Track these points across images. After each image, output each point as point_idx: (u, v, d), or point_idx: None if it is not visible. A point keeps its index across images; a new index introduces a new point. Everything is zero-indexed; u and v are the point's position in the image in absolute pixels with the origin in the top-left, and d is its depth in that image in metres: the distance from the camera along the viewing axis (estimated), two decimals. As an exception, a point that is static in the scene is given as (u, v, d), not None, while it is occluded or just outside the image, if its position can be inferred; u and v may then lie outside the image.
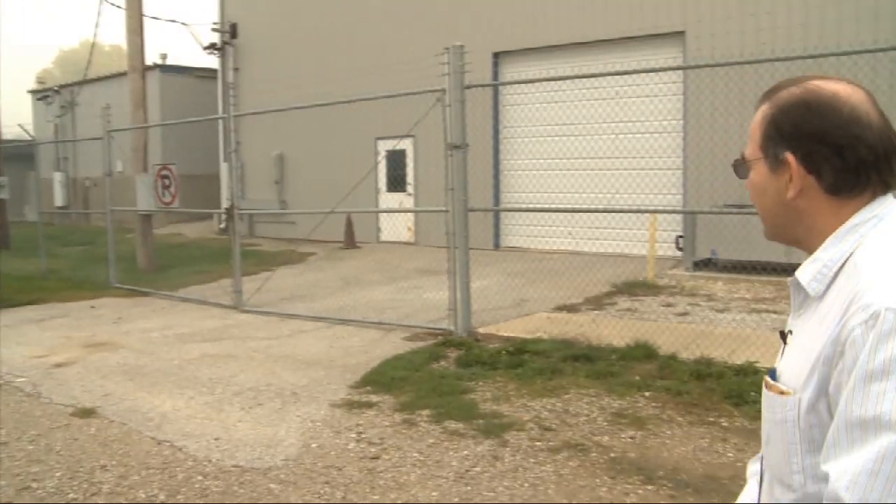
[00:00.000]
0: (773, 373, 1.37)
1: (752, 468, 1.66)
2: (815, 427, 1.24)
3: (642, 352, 7.18)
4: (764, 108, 1.41)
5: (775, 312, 9.40)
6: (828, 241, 1.33)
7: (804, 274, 1.35)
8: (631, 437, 5.29)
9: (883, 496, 1.09)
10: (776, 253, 11.46)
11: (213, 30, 22.56)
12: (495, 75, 16.75)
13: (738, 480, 4.50)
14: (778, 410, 1.31)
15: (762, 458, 1.47)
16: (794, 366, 1.30)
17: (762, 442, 1.43)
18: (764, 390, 1.38)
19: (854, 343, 1.15)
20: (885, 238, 1.26)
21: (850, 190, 1.31)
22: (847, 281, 1.25)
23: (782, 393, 1.30)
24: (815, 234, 1.35)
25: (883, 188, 1.32)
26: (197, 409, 6.22)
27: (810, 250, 1.38)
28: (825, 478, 1.16)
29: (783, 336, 1.42)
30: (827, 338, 1.21)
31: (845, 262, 1.28)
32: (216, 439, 5.53)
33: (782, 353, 1.41)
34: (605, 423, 5.57)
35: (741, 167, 1.47)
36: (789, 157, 1.33)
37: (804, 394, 1.25)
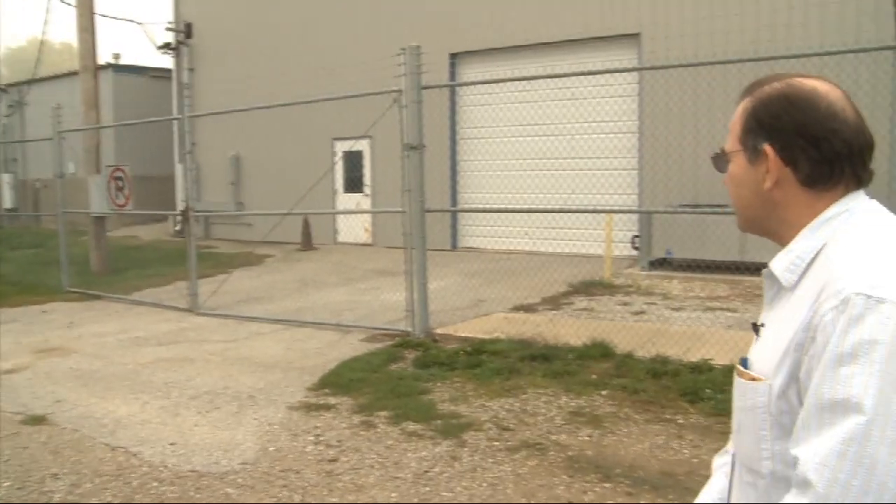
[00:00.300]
0: (744, 361, 1.39)
1: (718, 461, 1.69)
2: (786, 413, 1.26)
3: (599, 351, 7.24)
4: (745, 103, 1.44)
5: (729, 310, 9.54)
6: (802, 232, 1.36)
7: (778, 264, 1.37)
8: (588, 436, 5.33)
9: (850, 478, 1.10)
10: (730, 252, 11.67)
11: (168, 29, 22.27)
12: (452, 76, 16.77)
13: (695, 476, 4.58)
14: (749, 397, 1.33)
15: (733, 450, 1.49)
16: (766, 353, 1.33)
17: (733, 430, 1.45)
18: (735, 378, 1.40)
19: (825, 327, 1.18)
20: (856, 231, 1.30)
21: (824, 182, 1.35)
22: (819, 271, 1.28)
23: (753, 379, 1.33)
24: (789, 225, 1.39)
25: (855, 182, 1.36)
26: (152, 414, 6.14)
27: (783, 242, 1.41)
28: (794, 463, 1.18)
29: (756, 328, 1.44)
30: (799, 324, 1.24)
31: (818, 253, 1.32)
32: (172, 444, 5.46)
33: (755, 344, 1.43)
34: (563, 422, 5.60)
35: (721, 160, 1.50)
36: (767, 148, 1.37)
37: (775, 380, 1.28)
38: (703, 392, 5.98)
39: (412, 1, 17.59)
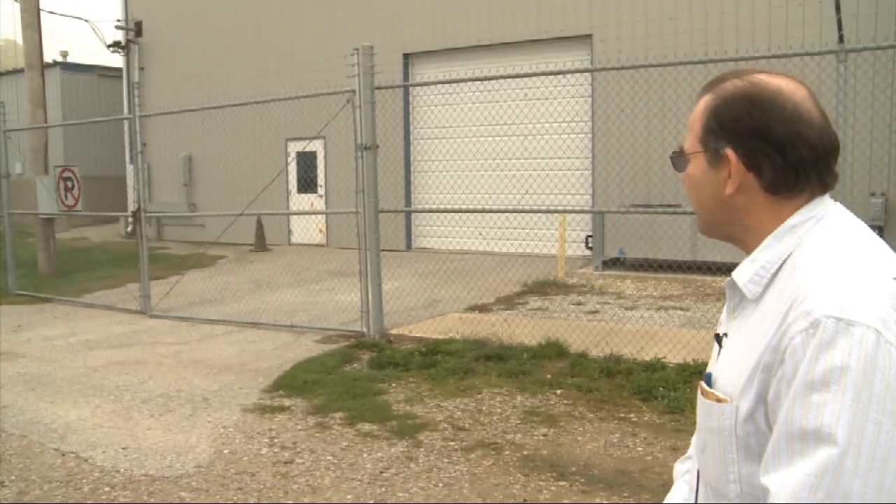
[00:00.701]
0: (708, 377, 1.33)
1: (680, 468, 1.63)
2: (753, 436, 1.21)
3: (553, 350, 7.30)
4: (706, 99, 1.36)
5: (682, 309, 9.68)
6: (766, 241, 1.30)
7: (741, 275, 1.31)
8: (543, 435, 5.38)
9: None
10: (682, 251, 11.84)
11: (117, 27, 21.91)
12: (406, 76, 16.78)
13: (649, 474, 4.65)
14: (714, 418, 1.27)
15: (697, 468, 1.44)
16: (731, 371, 1.26)
17: (697, 449, 1.40)
18: (699, 397, 1.33)
19: (794, 351, 1.12)
20: (822, 240, 1.24)
21: (789, 189, 1.28)
22: (786, 284, 1.22)
23: (719, 400, 1.26)
24: (753, 232, 1.32)
25: (821, 188, 1.30)
26: (104, 418, 6.05)
27: (746, 248, 1.35)
28: (763, 489, 1.13)
29: (718, 339, 1.38)
30: (766, 344, 1.18)
31: (783, 263, 1.26)
32: (124, 448, 5.39)
33: (717, 357, 1.38)
34: (518, 422, 5.64)
35: (679, 160, 1.42)
36: (729, 152, 1.30)
37: (742, 402, 1.21)
38: (656, 390, 6.07)
39: (365, 1, 17.55)
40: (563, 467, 4.81)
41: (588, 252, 13.78)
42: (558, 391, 6.28)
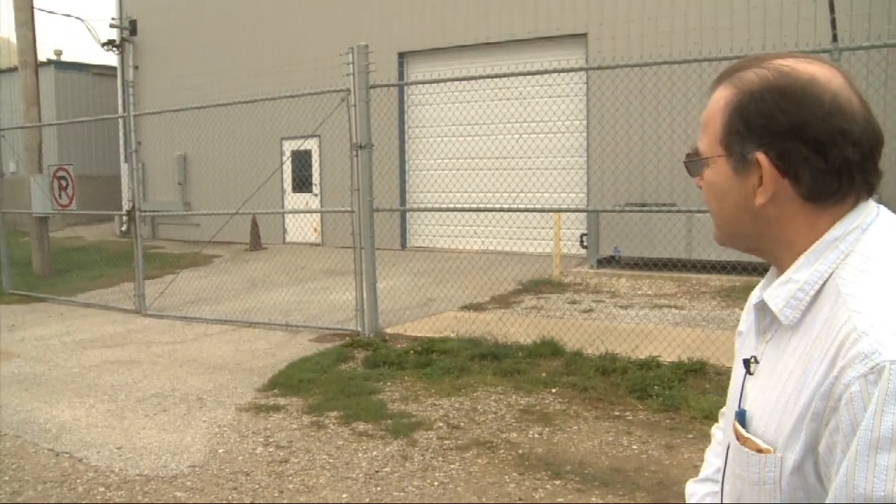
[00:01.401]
0: (741, 415, 1.15)
1: (694, 488, 1.48)
2: (800, 489, 1.05)
3: (548, 349, 7.30)
4: (726, 94, 1.16)
5: (677, 307, 9.69)
6: (802, 258, 1.10)
7: (776, 299, 1.12)
8: (538, 433, 5.38)
9: None
10: (677, 250, 11.87)
11: (112, 26, 21.87)
12: (401, 75, 16.78)
13: (644, 472, 4.66)
14: (755, 469, 1.10)
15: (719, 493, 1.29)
16: (771, 413, 1.09)
17: (730, 495, 1.21)
18: (734, 442, 1.16)
19: (851, 402, 0.95)
20: (871, 256, 1.05)
21: (831, 195, 1.09)
22: (832, 311, 1.04)
23: (760, 450, 1.09)
24: (785, 246, 1.14)
25: (867, 191, 1.11)
26: (98, 418, 6.04)
27: (776, 263, 1.18)
28: None
29: (747, 364, 1.20)
30: (814, 388, 1.01)
31: (824, 283, 1.07)
32: (119, 448, 5.38)
33: (743, 385, 1.20)
34: (513, 420, 5.65)
35: (695, 164, 1.22)
36: (760, 157, 1.10)
37: (788, 453, 1.04)
38: (651, 389, 6.07)
39: (361, 0, 17.54)
40: (558, 466, 4.81)
41: (583, 251, 13.79)
42: (553, 390, 6.29)
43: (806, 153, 1.07)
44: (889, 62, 11.06)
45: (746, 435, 1.12)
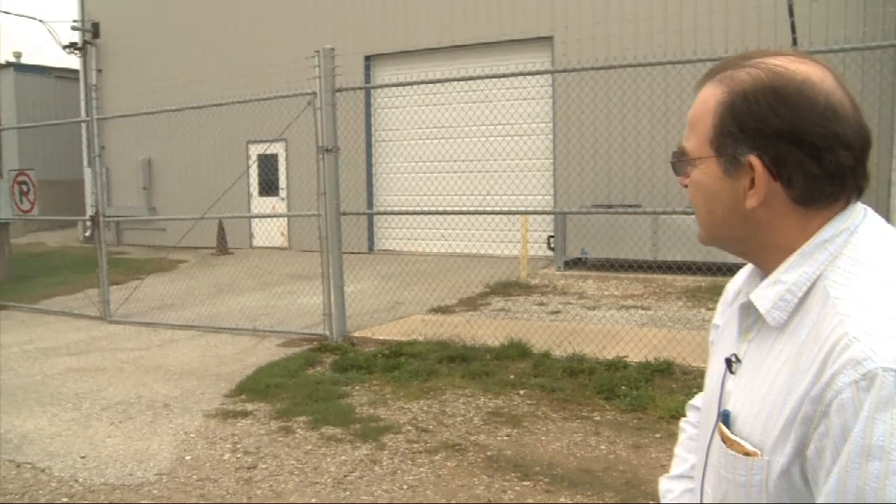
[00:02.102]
0: (726, 416, 1.14)
1: (668, 486, 1.47)
2: (785, 492, 1.04)
3: (516, 351, 7.33)
4: (716, 93, 1.13)
5: (643, 308, 9.76)
6: (791, 259, 1.10)
7: (763, 300, 1.11)
8: (507, 435, 5.40)
9: None
10: (643, 251, 11.97)
11: (74, 28, 21.59)
12: (367, 78, 16.75)
13: (612, 472, 4.69)
14: (741, 472, 1.09)
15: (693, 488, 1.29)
16: (757, 415, 1.08)
17: (714, 496, 1.19)
18: (719, 443, 1.15)
19: (843, 408, 0.94)
20: (860, 259, 1.05)
21: (824, 199, 1.08)
22: (821, 314, 1.03)
23: (747, 454, 1.08)
24: (773, 249, 1.12)
25: (857, 193, 1.10)
26: (62, 427, 5.96)
27: (761, 264, 1.17)
28: None
29: (729, 363, 1.19)
30: (804, 392, 1.00)
31: (812, 285, 1.07)
32: (83, 457, 5.31)
33: (723, 383, 1.20)
34: (482, 423, 5.66)
35: (681, 164, 1.19)
36: (753, 160, 1.08)
37: (776, 456, 1.04)
38: (618, 389, 6.12)
39: (327, 3, 17.50)
40: (527, 467, 4.83)
41: (550, 252, 13.86)
42: (521, 391, 6.31)
43: (800, 157, 1.06)
44: (846, 66, 11.25)
45: (733, 437, 1.11)
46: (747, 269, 1.28)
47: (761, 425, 1.06)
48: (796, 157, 1.06)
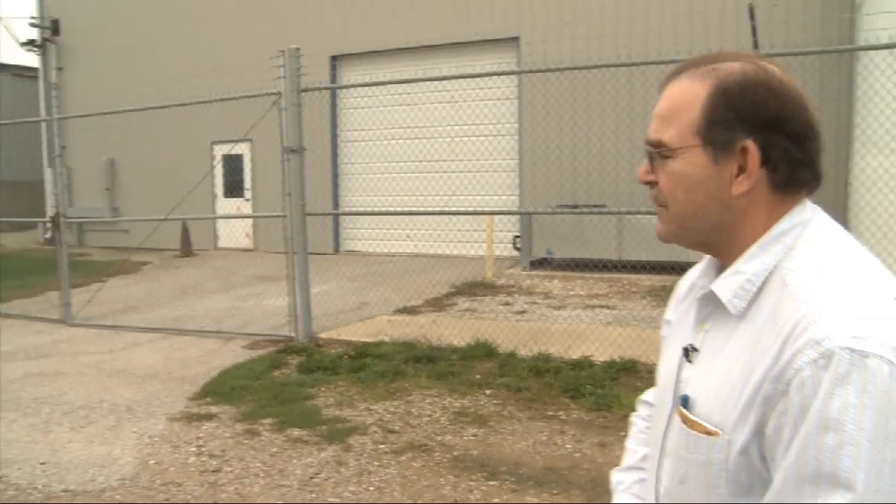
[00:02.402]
0: (685, 399, 1.19)
1: (621, 478, 1.53)
2: (744, 470, 1.09)
3: (482, 351, 7.35)
4: (699, 85, 1.18)
5: (608, 308, 9.83)
6: (750, 251, 1.17)
7: (724, 290, 1.17)
8: (473, 435, 5.41)
9: None
10: (608, 251, 12.06)
11: (32, 25, 21.22)
12: (333, 78, 16.71)
13: (578, 471, 4.71)
14: (702, 452, 1.14)
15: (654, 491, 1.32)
16: (716, 398, 1.13)
17: (672, 479, 1.24)
18: (680, 426, 1.19)
19: (803, 385, 1.00)
20: (814, 251, 1.13)
21: (798, 186, 1.17)
22: (778, 302, 1.10)
23: (709, 433, 1.13)
24: (738, 239, 1.19)
25: (816, 184, 1.18)
26: (20, 433, 5.86)
27: (722, 254, 1.23)
28: None
29: (686, 352, 1.24)
30: (764, 372, 1.06)
31: (769, 275, 1.14)
32: (42, 464, 5.23)
33: (679, 371, 1.26)
34: (448, 423, 5.67)
35: (661, 156, 1.21)
36: (750, 145, 1.14)
37: (736, 435, 1.09)
38: (584, 388, 6.16)
39: (293, 2, 17.42)
40: (494, 467, 4.84)
41: (516, 253, 13.91)
42: (487, 391, 6.33)
43: (787, 144, 1.13)
44: (805, 69, 11.43)
45: (693, 419, 1.16)
46: (700, 266, 1.36)
47: (721, 407, 1.12)
48: (783, 143, 1.13)
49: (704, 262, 1.33)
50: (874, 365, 0.98)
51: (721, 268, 1.23)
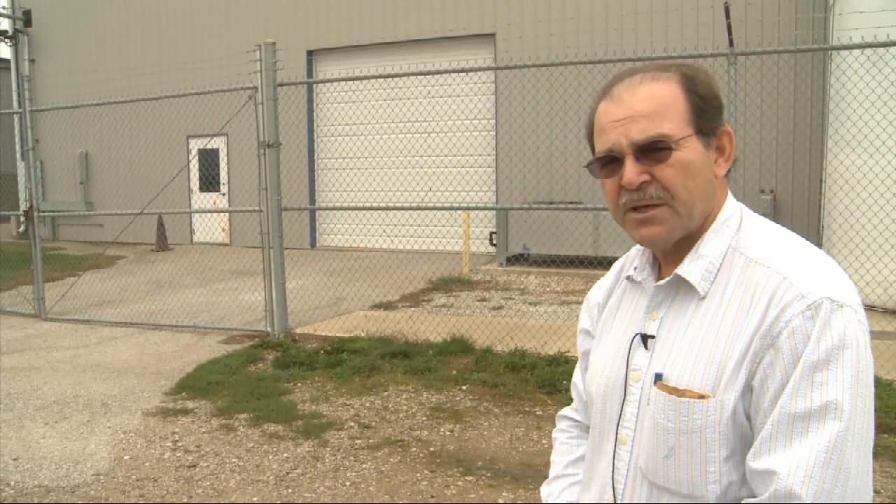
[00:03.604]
0: (659, 377, 1.26)
1: (548, 490, 1.59)
2: (733, 429, 1.18)
3: (459, 346, 7.37)
4: (667, 85, 1.27)
5: (583, 303, 9.87)
6: (706, 237, 1.28)
7: (692, 273, 1.27)
8: (450, 431, 5.43)
9: (833, 486, 1.07)
10: (584, 247, 12.11)
11: (3, 15, 20.93)
12: (310, 73, 16.65)
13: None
14: (697, 417, 1.20)
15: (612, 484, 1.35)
16: (693, 368, 1.22)
17: (651, 458, 1.27)
18: (666, 399, 1.24)
19: (793, 334, 1.13)
20: (757, 231, 1.28)
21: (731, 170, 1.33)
22: (742, 273, 1.23)
23: (702, 397, 1.20)
24: (706, 223, 1.30)
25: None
26: (-5, 427, 5.82)
27: (685, 242, 1.30)
28: (765, 477, 1.12)
29: (644, 339, 1.32)
30: (752, 332, 1.16)
31: (724, 256, 1.26)
32: (15, 459, 5.20)
33: (631, 359, 1.33)
34: (424, 418, 5.69)
35: (667, 148, 1.25)
36: (728, 129, 1.30)
37: (727, 395, 1.18)
38: (560, 384, 6.19)
39: (268, -4, 17.33)
40: (470, 462, 4.87)
41: (492, 248, 13.94)
42: (464, 387, 6.35)
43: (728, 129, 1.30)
44: (780, 67, 11.56)
45: (683, 388, 1.22)
46: (611, 276, 1.54)
47: (700, 375, 1.21)
48: (724, 127, 1.29)
49: (620, 265, 1.52)
50: (849, 313, 1.13)
51: (656, 264, 1.38)
